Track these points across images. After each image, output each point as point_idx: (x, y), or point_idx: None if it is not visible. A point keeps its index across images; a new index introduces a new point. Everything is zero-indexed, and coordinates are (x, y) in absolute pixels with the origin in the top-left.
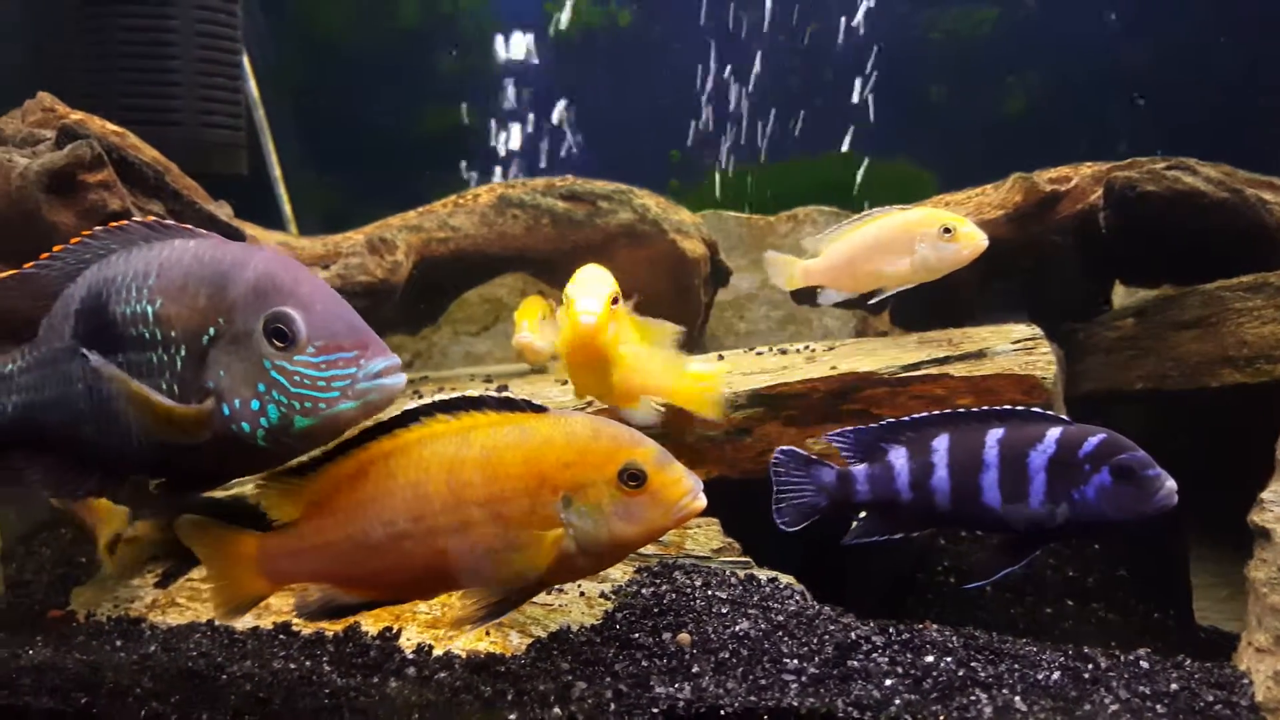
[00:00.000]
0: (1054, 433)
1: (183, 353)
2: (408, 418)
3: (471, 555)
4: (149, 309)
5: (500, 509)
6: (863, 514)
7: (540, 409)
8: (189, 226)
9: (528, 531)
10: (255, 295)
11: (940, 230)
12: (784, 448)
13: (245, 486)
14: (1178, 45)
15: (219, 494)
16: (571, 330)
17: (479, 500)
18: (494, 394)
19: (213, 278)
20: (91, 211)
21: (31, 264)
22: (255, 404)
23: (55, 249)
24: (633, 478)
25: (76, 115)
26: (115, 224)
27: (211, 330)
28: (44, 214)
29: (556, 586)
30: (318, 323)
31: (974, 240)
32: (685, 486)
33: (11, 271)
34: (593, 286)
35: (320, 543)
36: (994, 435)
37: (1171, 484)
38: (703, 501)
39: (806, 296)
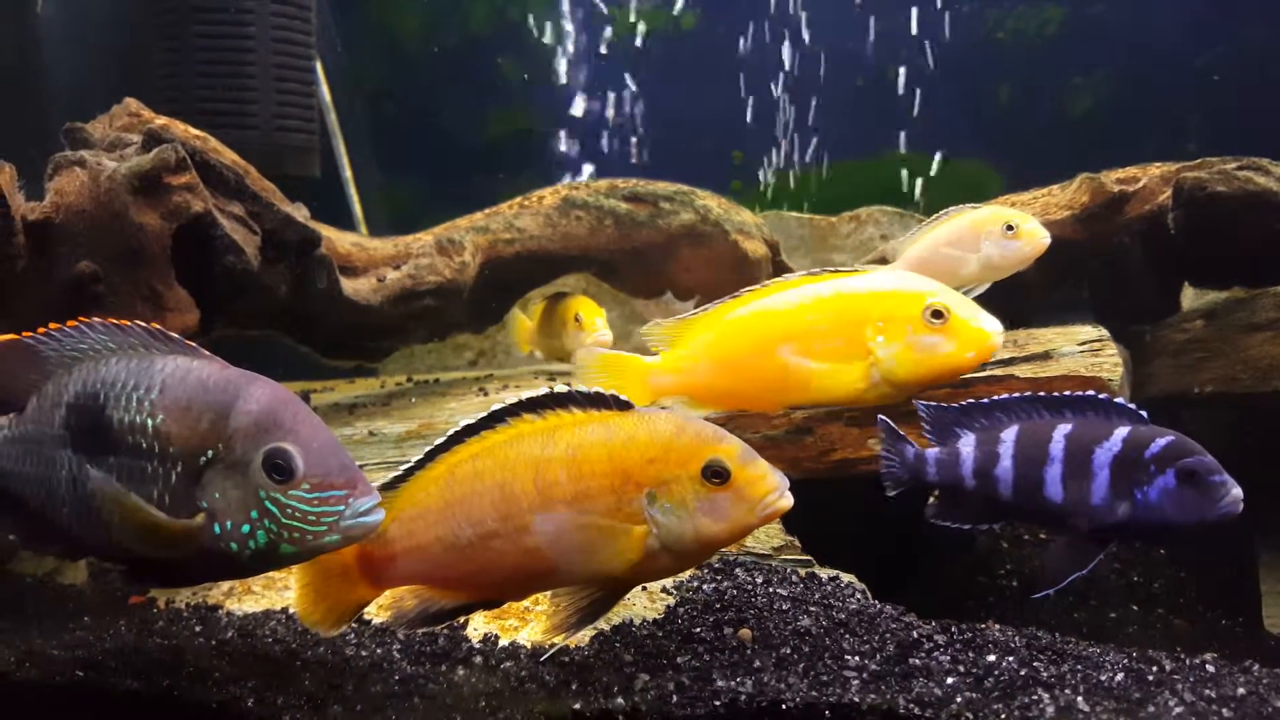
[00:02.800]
0: (1122, 431)
1: (179, 468)
2: (494, 418)
3: (559, 553)
4: (150, 422)
5: (586, 506)
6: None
7: (626, 405)
8: (192, 344)
9: (614, 528)
10: (257, 428)
11: (1004, 228)
12: (882, 417)
13: None
14: (1250, 45)
15: None
16: None
17: (565, 498)
18: (581, 390)
19: (217, 404)
20: (176, 212)
21: (30, 334)
22: (246, 528)
23: (53, 327)
24: (716, 474)
25: (161, 120)
26: (116, 321)
27: (210, 453)
28: (131, 215)
29: None
30: (314, 461)
31: (1036, 237)
32: (771, 484)
33: (9, 337)
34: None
35: (414, 545)
36: (1062, 430)
37: (1237, 491)
38: (789, 499)
39: None
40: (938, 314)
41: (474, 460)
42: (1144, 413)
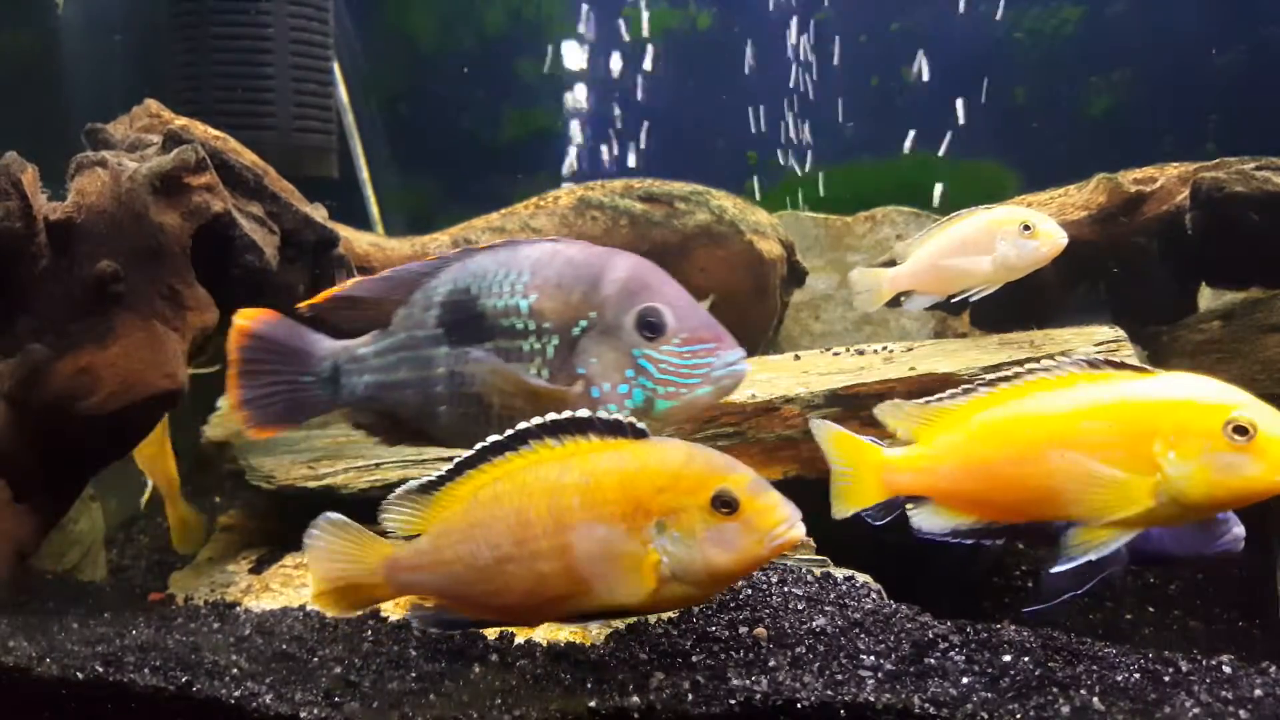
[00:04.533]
0: None
1: (555, 342)
2: (517, 440)
3: (570, 583)
4: (523, 302)
5: (599, 534)
6: None
7: (641, 433)
8: (554, 237)
9: (625, 557)
10: (626, 292)
11: (1020, 227)
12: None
13: (336, 478)
14: (1270, 44)
15: (311, 485)
16: None
17: (578, 525)
18: (602, 416)
19: (587, 276)
20: (196, 212)
21: (389, 270)
22: (623, 388)
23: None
24: (725, 504)
25: (181, 121)
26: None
27: (583, 322)
28: (151, 215)
29: None
30: (682, 317)
31: (1053, 237)
32: (781, 515)
33: (382, 273)
34: None
35: (437, 560)
36: None
37: (1239, 530)
38: (800, 530)
39: (891, 299)
40: (1241, 430)
41: (495, 484)
42: None
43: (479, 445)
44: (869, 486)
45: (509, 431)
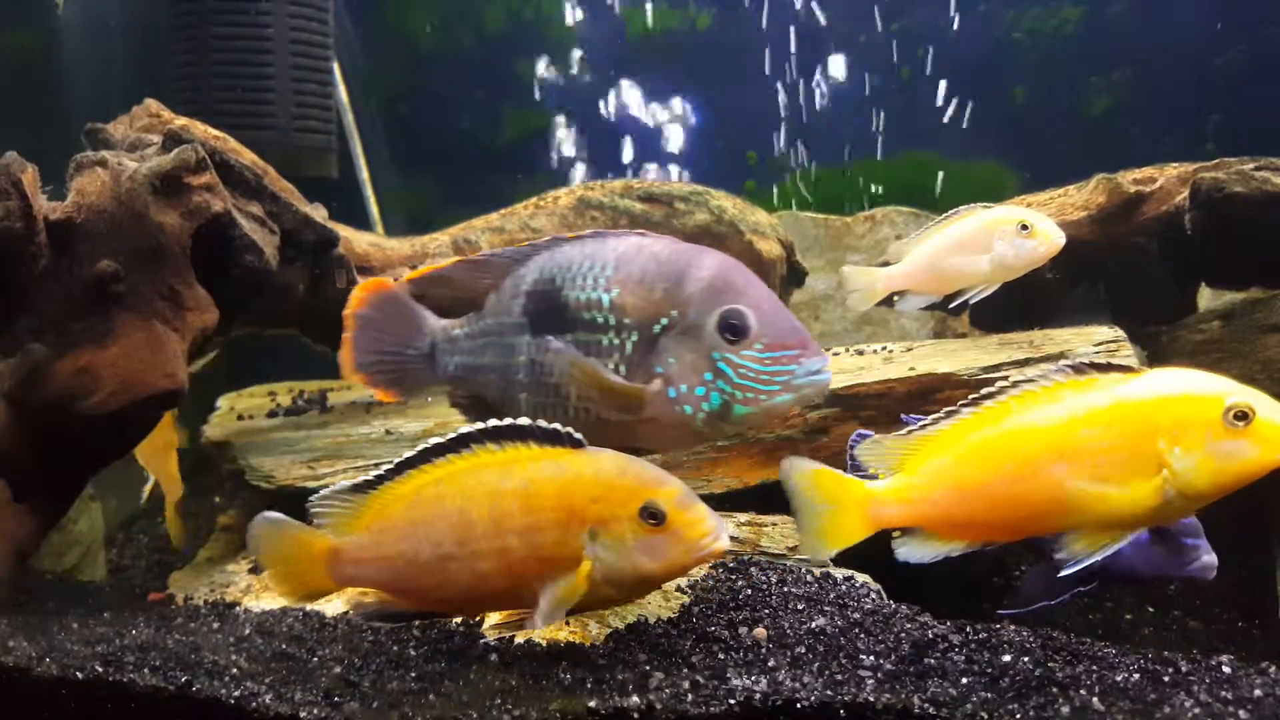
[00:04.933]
0: None
1: (634, 338)
2: (459, 443)
3: (509, 581)
4: (605, 296)
5: (535, 539)
6: None
7: (578, 442)
8: (642, 231)
9: (559, 561)
10: (710, 292)
11: (1018, 227)
12: (862, 431)
13: (335, 478)
14: (1270, 44)
15: (311, 485)
16: None
17: (517, 530)
18: (540, 425)
19: (670, 273)
20: (196, 212)
21: (484, 253)
22: (701, 390)
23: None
24: (653, 516)
25: (181, 121)
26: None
27: (664, 320)
28: (151, 215)
29: None
30: (766, 321)
31: (1050, 237)
32: (707, 527)
33: (477, 256)
34: None
35: (379, 555)
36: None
37: (1210, 559)
38: (724, 543)
39: (884, 299)
40: (1242, 415)
41: (438, 484)
42: None
43: (420, 446)
44: (853, 523)
45: (449, 434)
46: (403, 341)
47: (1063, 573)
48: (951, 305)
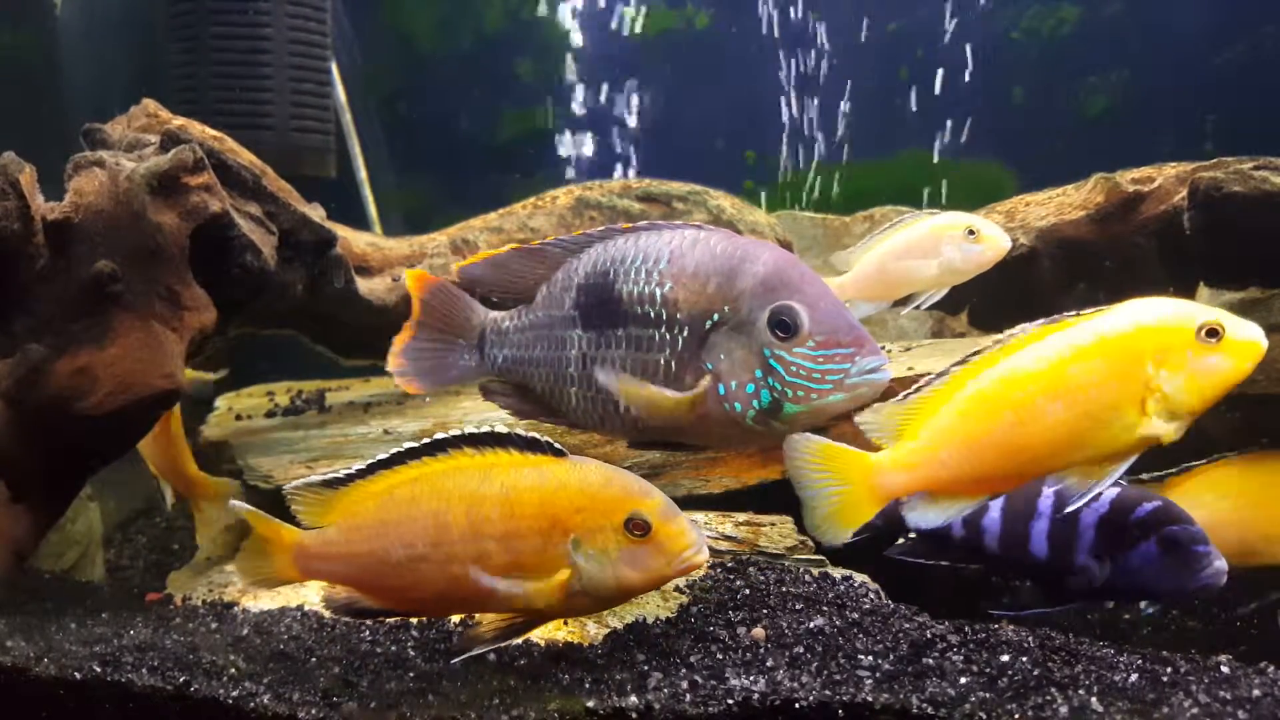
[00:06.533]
0: (1110, 492)
1: (685, 333)
2: (436, 446)
3: (484, 585)
4: (658, 291)
5: (514, 544)
6: (912, 534)
7: (560, 452)
8: (699, 223)
9: (538, 569)
10: (764, 288)
11: (965, 232)
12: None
13: None
14: (1268, 44)
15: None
16: None
17: (495, 535)
18: (520, 433)
19: (723, 268)
20: (194, 212)
21: (539, 241)
22: (750, 387)
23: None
24: (637, 527)
25: (178, 121)
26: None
27: (716, 316)
28: (149, 215)
29: None
30: (820, 318)
31: (997, 242)
32: (689, 540)
33: (534, 244)
34: None
35: (348, 552)
36: (1052, 485)
37: (1220, 564)
38: (705, 555)
39: None
40: (1213, 332)
41: (412, 485)
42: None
43: (394, 449)
44: (864, 499)
45: (425, 440)
46: (452, 333)
47: (1068, 508)
48: (903, 311)
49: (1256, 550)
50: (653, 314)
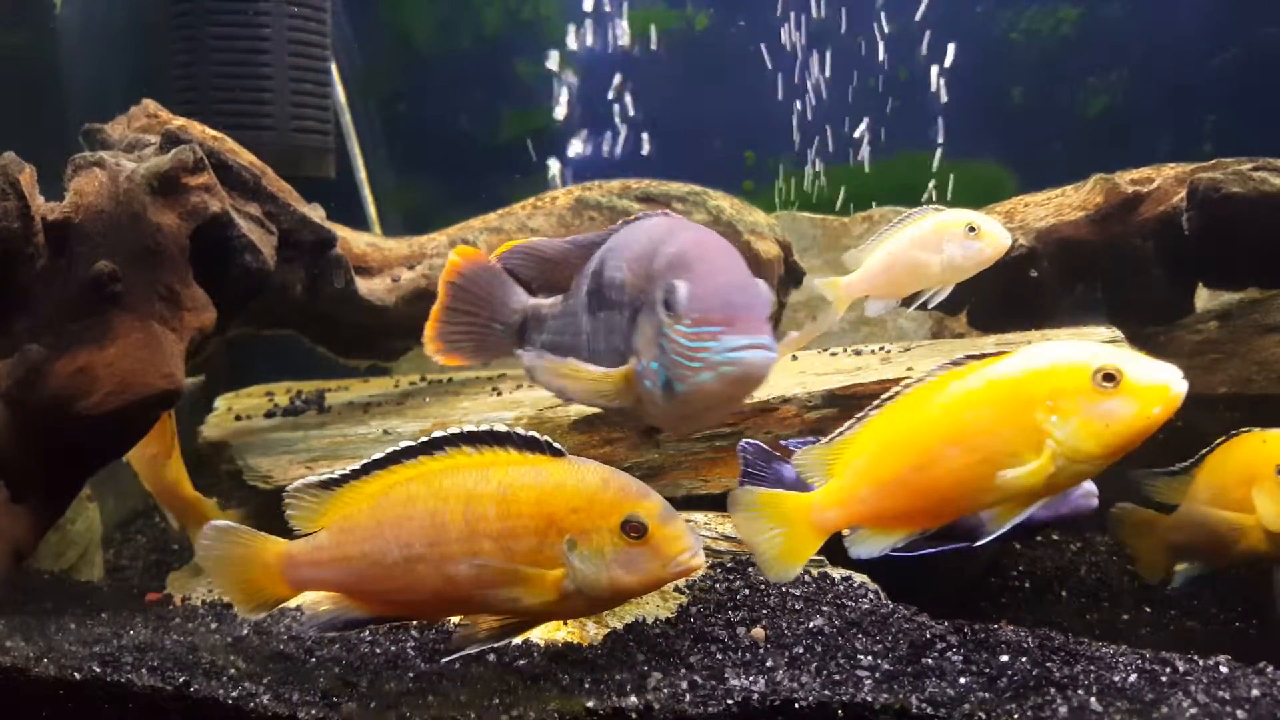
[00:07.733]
0: None
1: (628, 314)
2: (433, 445)
3: (480, 585)
4: (619, 276)
5: (510, 544)
6: None
7: (559, 452)
8: (665, 210)
9: (533, 569)
10: (668, 268)
11: (965, 229)
12: (749, 441)
13: None
14: (1267, 45)
15: None
16: None
17: (491, 534)
18: (519, 432)
19: (649, 251)
20: (194, 212)
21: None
22: (654, 365)
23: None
24: (634, 529)
25: (179, 121)
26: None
27: (641, 296)
28: (149, 215)
29: None
30: (697, 296)
31: (997, 238)
32: (685, 544)
33: (574, 237)
34: None
35: (340, 556)
36: None
37: (1090, 487)
38: (701, 559)
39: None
40: (1109, 377)
41: (408, 484)
42: None
43: (390, 449)
44: (803, 536)
45: (423, 438)
46: (490, 314)
47: (977, 543)
48: (911, 308)
49: None
50: (615, 297)
